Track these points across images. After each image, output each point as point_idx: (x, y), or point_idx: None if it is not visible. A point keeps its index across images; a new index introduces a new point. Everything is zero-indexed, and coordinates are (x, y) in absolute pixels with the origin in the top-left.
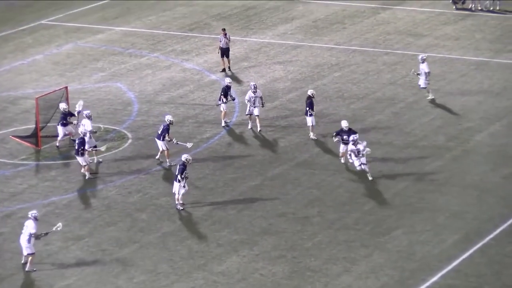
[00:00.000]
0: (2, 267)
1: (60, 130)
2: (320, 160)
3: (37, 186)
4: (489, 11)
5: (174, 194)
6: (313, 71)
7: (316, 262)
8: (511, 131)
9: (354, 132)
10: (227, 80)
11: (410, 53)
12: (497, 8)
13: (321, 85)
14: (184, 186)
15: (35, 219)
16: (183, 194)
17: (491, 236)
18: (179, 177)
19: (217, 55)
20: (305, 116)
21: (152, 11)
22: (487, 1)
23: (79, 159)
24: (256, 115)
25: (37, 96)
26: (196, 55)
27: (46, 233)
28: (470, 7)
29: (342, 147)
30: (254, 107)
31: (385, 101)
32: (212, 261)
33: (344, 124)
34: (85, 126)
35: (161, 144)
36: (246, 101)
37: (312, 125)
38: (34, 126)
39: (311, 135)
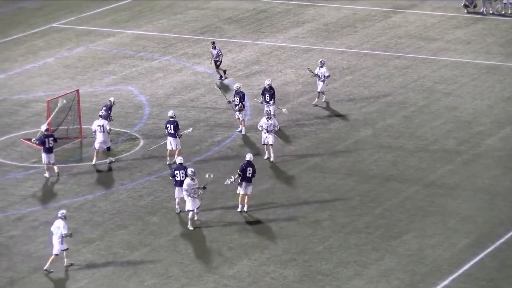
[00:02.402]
0: (13, 270)
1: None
2: (331, 163)
3: (48, 189)
4: (500, 14)
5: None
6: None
7: (327, 266)
8: None
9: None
10: (236, 85)
11: (421, 56)
12: (509, 11)
13: (333, 89)
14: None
15: (65, 218)
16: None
17: (502, 240)
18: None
19: (228, 59)
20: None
21: (163, 15)
22: (499, 5)
23: (50, 156)
24: (271, 144)
25: (48, 99)
26: (208, 58)
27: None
28: (481, 10)
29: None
30: (268, 136)
31: (396, 105)
32: (223, 265)
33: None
34: (104, 125)
35: (176, 143)
36: (259, 127)
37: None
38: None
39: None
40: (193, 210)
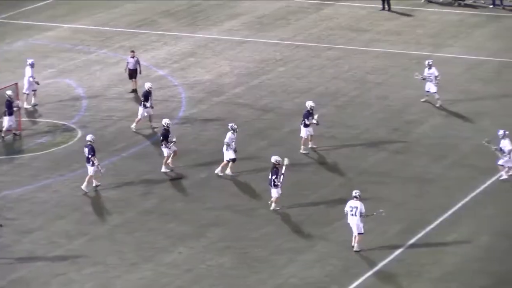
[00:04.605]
0: None
1: (6, 120)
2: (265, 153)
3: None
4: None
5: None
6: (258, 66)
7: (262, 253)
8: (451, 123)
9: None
10: (147, 85)
11: (353, 48)
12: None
13: (266, 80)
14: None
15: (360, 197)
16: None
17: (432, 226)
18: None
19: (164, 52)
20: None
21: (101, 9)
22: None
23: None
24: (232, 159)
25: None
26: (144, 51)
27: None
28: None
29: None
30: (228, 151)
31: (329, 95)
32: (160, 253)
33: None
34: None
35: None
36: (225, 143)
37: (304, 138)
38: None
39: (302, 148)
40: None
